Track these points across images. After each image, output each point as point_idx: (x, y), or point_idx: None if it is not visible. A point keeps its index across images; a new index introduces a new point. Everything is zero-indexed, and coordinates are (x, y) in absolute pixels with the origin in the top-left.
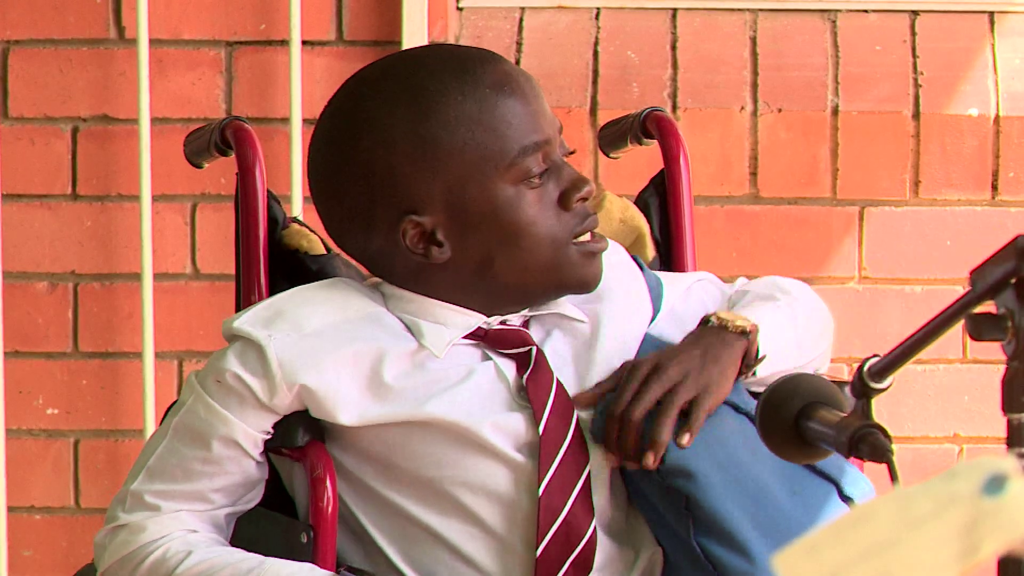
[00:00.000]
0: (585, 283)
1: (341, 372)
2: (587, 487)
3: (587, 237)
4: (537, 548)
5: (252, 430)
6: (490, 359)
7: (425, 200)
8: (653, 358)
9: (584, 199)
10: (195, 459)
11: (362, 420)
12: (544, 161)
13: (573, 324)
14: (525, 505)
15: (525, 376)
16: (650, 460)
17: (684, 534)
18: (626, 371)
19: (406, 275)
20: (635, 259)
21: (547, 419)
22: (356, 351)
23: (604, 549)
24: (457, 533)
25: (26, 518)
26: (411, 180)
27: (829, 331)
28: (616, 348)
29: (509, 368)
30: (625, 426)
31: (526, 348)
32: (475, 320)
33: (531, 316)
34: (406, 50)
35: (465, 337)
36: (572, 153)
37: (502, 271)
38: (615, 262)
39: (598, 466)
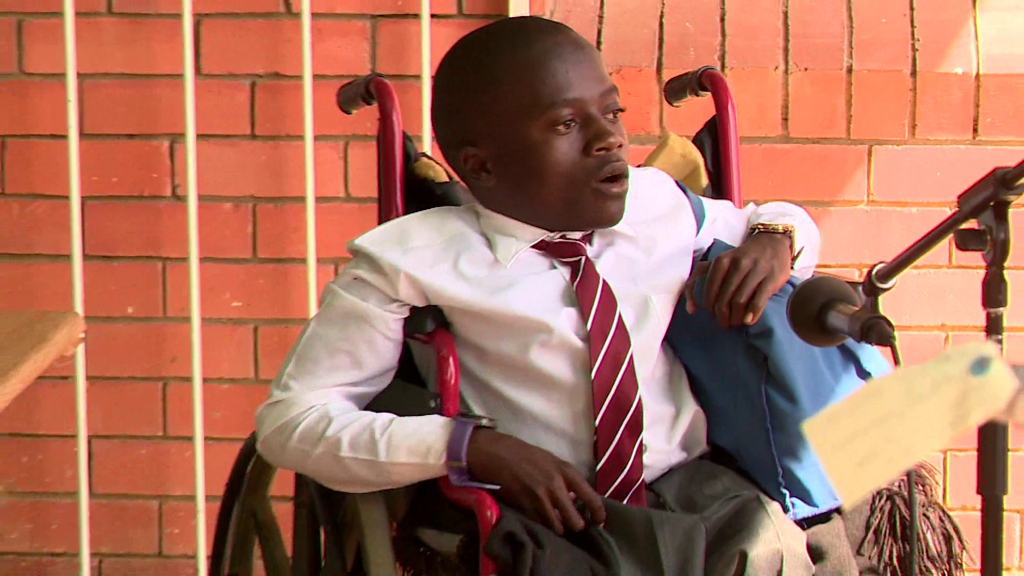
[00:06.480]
0: (598, 220)
1: (438, 269)
2: (631, 366)
3: (606, 181)
4: (596, 418)
5: (383, 312)
6: (555, 267)
7: (481, 135)
8: (731, 253)
9: (605, 149)
10: (338, 340)
11: (452, 302)
12: (576, 115)
13: (628, 237)
14: (584, 382)
15: (576, 281)
16: (749, 318)
17: (755, 383)
18: (712, 264)
19: (483, 196)
20: (679, 184)
21: (594, 315)
22: (449, 256)
23: (650, 409)
24: (535, 403)
25: (216, 387)
26: (469, 118)
27: (818, 249)
28: (668, 253)
29: (567, 273)
30: (719, 308)
31: (577, 258)
32: (539, 234)
33: (595, 231)
34: (505, 19)
35: (534, 247)
36: (621, 111)
37: (533, 200)
38: (664, 191)
39: (646, 346)
